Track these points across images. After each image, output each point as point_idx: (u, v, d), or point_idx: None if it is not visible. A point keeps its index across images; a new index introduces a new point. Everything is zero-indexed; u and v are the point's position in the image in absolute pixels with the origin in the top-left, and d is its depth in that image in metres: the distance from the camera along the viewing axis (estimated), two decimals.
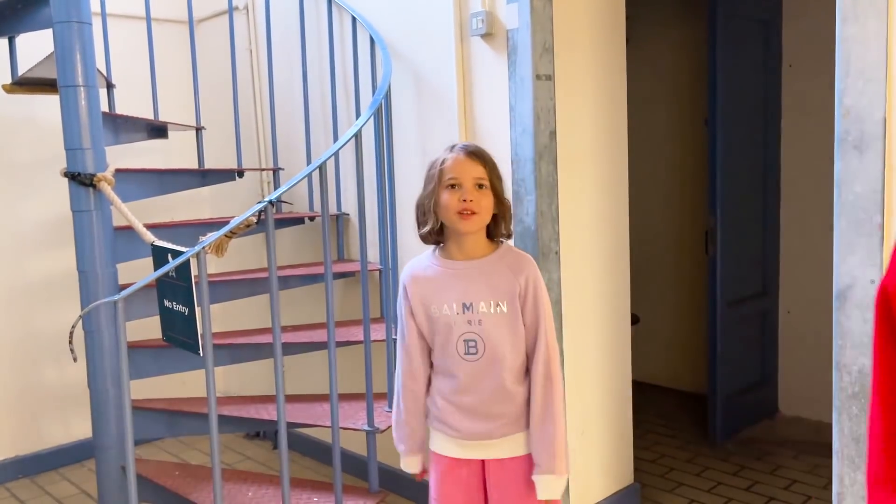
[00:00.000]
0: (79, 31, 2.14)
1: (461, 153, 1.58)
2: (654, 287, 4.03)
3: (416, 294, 1.61)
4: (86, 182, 2.15)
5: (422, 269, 1.64)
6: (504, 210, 1.60)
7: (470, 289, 1.58)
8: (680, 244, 3.98)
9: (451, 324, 1.58)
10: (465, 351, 1.58)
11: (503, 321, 1.57)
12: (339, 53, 2.91)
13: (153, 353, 2.35)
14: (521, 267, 1.59)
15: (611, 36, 2.56)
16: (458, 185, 1.54)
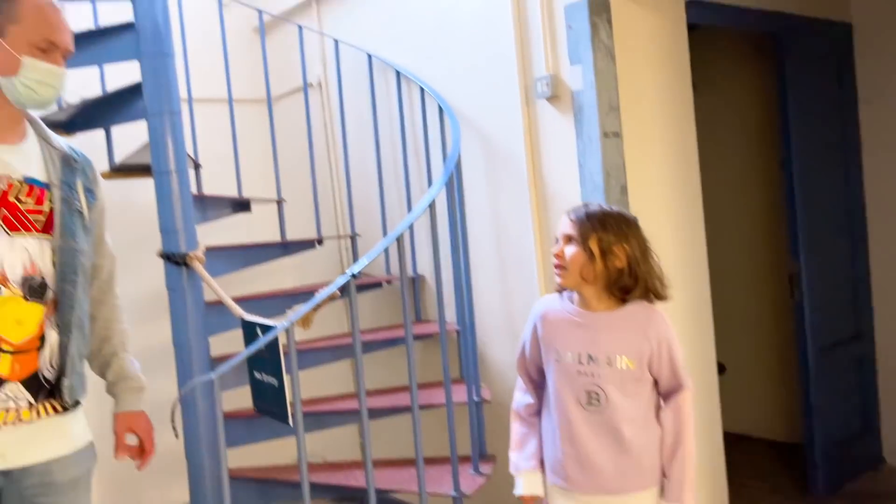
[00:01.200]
0: (170, 121, 2.29)
1: (566, 213, 1.71)
2: (740, 334, 3.91)
3: (544, 333, 1.71)
4: (179, 262, 2.28)
5: (553, 310, 1.73)
6: (626, 271, 1.62)
7: (596, 341, 1.63)
8: (763, 289, 3.86)
9: (574, 372, 1.64)
10: (586, 401, 1.62)
11: (628, 377, 1.62)
12: (409, 122, 3.02)
13: (246, 422, 2.43)
14: (651, 324, 1.64)
15: (677, 86, 2.57)
16: (556, 240, 1.69)
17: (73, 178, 1.56)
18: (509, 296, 2.66)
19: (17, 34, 1.42)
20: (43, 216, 1.48)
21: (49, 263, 1.47)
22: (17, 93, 1.43)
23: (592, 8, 2.28)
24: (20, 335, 1.42)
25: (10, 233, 1.42)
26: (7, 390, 1.41)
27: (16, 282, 1.42)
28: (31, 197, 1.47)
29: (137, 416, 1.72)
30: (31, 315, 1.44)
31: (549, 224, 2.49)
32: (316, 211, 3.20)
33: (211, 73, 3.35)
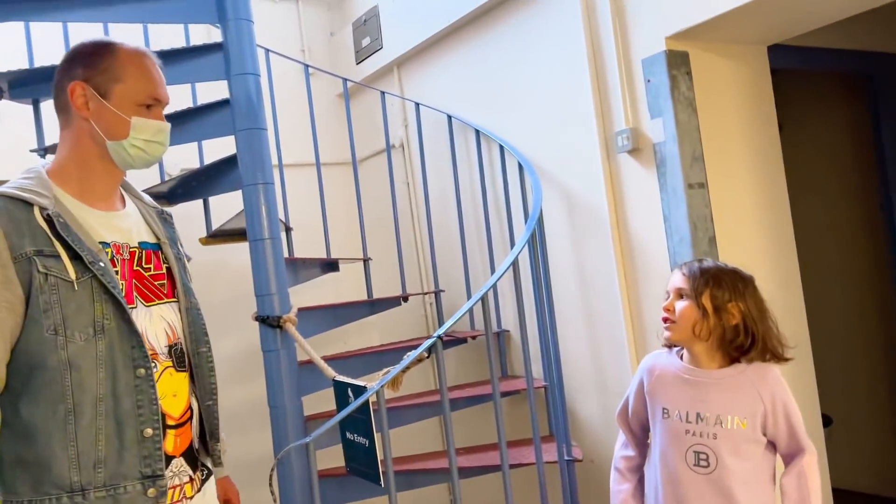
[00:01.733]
0: (264, 191, 2.41)
1: (678, 267, 1.71)
2: (846, 385, 3.70)
3: (651, 387, 1.69)
4: (273, 324, 2.36)
5: (661, 364, 1.71)
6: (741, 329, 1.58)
7: (705, 399, 1.59)
8: (868, 338, 3.66)
9: (681, 431, 1.59)
10: (694, 462, 1.58)
11: (741, 438, 1.57)
12: (489, 179, 3.07)
13: (338, 482, 2.47)
14: (764, 383, 1.59)
15: (763, 132, 2.52)
16: (667, 294, 1.69)
17: (174, 234, 1.51)
18: (597, 350, 2.63)
19: (122, 94, 1.33)
20: (165, 280, 1.42)
21: (180, 329, 1.41)
22: (128, 155, 1.35)
23: (671, 61, 2.28)
24: (179, 408, 1.37)
25: (147, 304, 1.35)
26: (173, 467, 1.35)
27: (163, 353, 1.35)
28: (150, 263, 1.40)
29: (228, 482, 1.66)
30: (182, 386, 1.38)
31: (635, 277, 2.46)
32: (401, 268, 3.27)
33: (298, 139, 3.52)
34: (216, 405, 1.45)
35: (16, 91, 2.60)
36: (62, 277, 1.22)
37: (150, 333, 1.33)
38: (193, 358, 1.41)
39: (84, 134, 1.33)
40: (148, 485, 1.26)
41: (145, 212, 1.46)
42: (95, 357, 1.23)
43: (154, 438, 1.27)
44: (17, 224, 1.22)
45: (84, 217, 1.31)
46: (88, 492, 1.21)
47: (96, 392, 1.23)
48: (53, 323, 1.21)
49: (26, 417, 1.21)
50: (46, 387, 1.21)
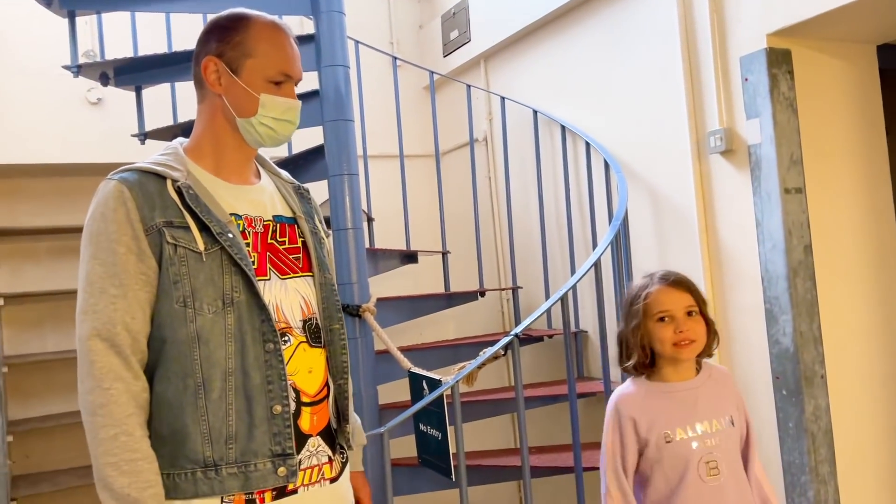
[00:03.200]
0: (349, 182, 2.45)
1: (664, 284, 1.57)
2: None
3: (642, 422, 1.55)
4: (353, 313, 2.40)
5: (640, 397, 1.59)
6: (712, 330, 1.58)
7: (698, 408, 1.55)
8: None
9: (689, 448, 1.52)
10: (706, 473, 1.51)
11: (736, 434, 1.56)
12: (573, 176, 3.02)
13: (410, 472, 2.49)
14: (729, 381, 1.63)
15: (868, 136, 2.38)
16: (669, 318, 1.53)
17: (310, 210, 1.44)
18: None
19: (252, 69, 1.28)
20: (300, 253, 1.36)
21: (315, 303, 1.35)
22: (257, 133, 1.31)
23: (771, 59, 2.18)
24: (315, 385, 1.31)
25: (282, 277, 1.30)
26: (310, 446, 1.29)
27: (297, 328, 1.30)
28: (286, 236, 1.35)
29: (359, 476, 1.53)
30: (318, 362, 1.33)
31: (721, 283, 2.37)
32: (479, 263, 3.26)
33: (384, 130, 3.56)
34: (347, 385, 1.39)
35: (121, 78, 2.73)
36: (191, 248, 1.21)
37: (284, 307, 1.29)
38: (326, 335, 1.35)
39: (217, 110, 1.32)
40: (278, 463, 1.22)
41: (282, 186, 1.42)
42: (224, 330, 1.21)
43: (283, 415, 1.23)
44: (149, 197, 1.22)
45: (217, 190, 1.29)
46: (221, 467, 1.19)
47: (225, 366, 1.21)
48: (182, 295, 1.20)
49: (159, 391, 1.20)
50: (176, 360, 1.20)
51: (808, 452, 2.11)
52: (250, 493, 1.21)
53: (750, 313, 2.28)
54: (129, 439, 1.15)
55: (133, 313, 1.19)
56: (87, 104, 3.29)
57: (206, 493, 1.18)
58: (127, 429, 1.15)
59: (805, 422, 2.11)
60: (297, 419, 1.27)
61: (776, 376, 2.18)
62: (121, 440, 1.15)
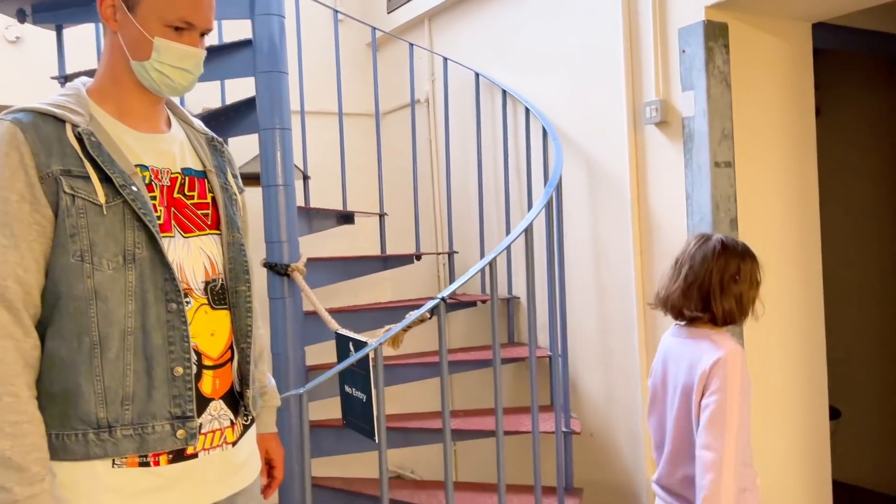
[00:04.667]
0: (280, 137, 2.38)
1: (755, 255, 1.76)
2: (858, 378, 3.64)
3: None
4: (281, 272, 2.35)
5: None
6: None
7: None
8: (885, 331, 3.58)
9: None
10: None
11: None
12: (512, 142, 3.00)
13: (335, 432, 2.48)
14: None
15: (798, 114, 2.42)
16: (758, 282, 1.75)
17: (223, 164, 1.37)
18: (606, 324, 2.59)
19: (149, 9, 1.20)
20: (209, 210, 1.30)
21: (221, 264, 1.30)
22: (152, 79, 1.23)
23: (708, 32, 2.18)
24: (217, 348, 1.27)
25: (185, 235, 1.24)
26: (212, 410, 1.25)
27: (199, 289, 1.25)
28: (194, 190, 1.28)
29: (272, 438, 1.52)
30: (221, 325, 1.28)
31: (650, 254, 2.40)
32: (416, 226, 3.24)
33: (323, 87, 3.47)
34: (250, 349, 1.33)
35: (39, 15, 2.57)
36: (91, 200, 1.14)
37: (186, 267, 1.23)
38: (231, 296, 1.30)
39: (116, 49, 1.23)
40: (177, 426, 1.18)
41: (193, 137, 1.34)
42: (124, 288, 1.15)
43: (185, 378, 1.19)
44: (46, 141, 1.14)
45: (122, 138, 1.22)
46: (115, 429, 1.14)
47: (124, 325, 1.15)
48: (80, 249, 1.13)
49: (52, 348, 1.15)
50: (71, 317, 1.14)
51: None
52: (145, 455, 1.17)
53: None
54: (15, 400, 1.09)
55: (26, 265, 1.12)
56: (5, 42, 3.10)
57: (97, 455, 1.14)
58: (13, 389, 1.09)
59: None
60: (198, 382, 1.23)
61: None
62: (5, 401, 1.09)
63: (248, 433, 1.35)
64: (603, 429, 2.61)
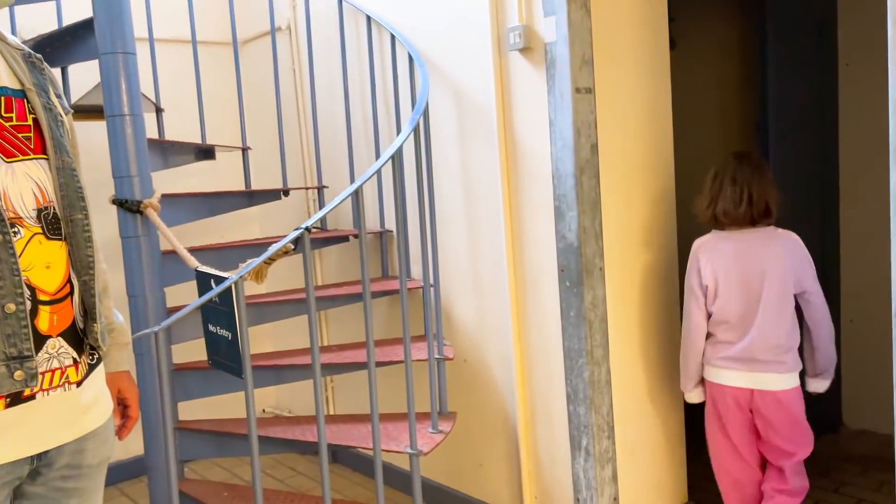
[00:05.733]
0: (123, 62, 2.19)
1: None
2: None
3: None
4: (133, 209, 2.20)
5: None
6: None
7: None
8: None
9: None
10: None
11: None
12: (379, 71, 2.92)
13: (202, 374, 2.39)
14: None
15: (653, 43, 2.49)
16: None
17: (44, 82, 1.26)
18: (477, 253, 2.62)
19: None
20: (30, 133, 1.19)
21: (51, 190, 1.20)
22: None
23: None
24: (54, 282, 1.17)
25: (8, 160, 1.13)
26: (49, 348, 1.16)
27: (30, 218, 1.15)
28: (12, 112, 1.17)
29: (124, 377, 1.46)
30: (57, 256, 1.19)
31: (517, 180, 2.44)
32: (282, 160, 3.12)
33: (175, 13, 3.22)
34: (94, 280, 1.24)
35: None
36: None
37: (12, 194, 1.13)
38: (67, 226, 1.21)
39: None
40: (14, 367, 1.09)
41: (7, 53, 1.23)
42: None
43: (18, 314, 1.09)
44: None
45: None
46: None
47: None
48: None
49: None
50: None
51: (585, 338, 2.27)
52: None
53: (541, 210, 2.36)
54: None
55: None
56: None
57: None
58: None
59: (584, 310, 2.26)
60: (33, 319, 1.13)
61: (561, 269, 2.31)
62: None
63: (95, 372, 1.27)
64: (476, 354, 2.68)
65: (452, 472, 2.88)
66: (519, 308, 2.49)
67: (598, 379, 2.32)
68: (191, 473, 3.50)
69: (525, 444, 2.53)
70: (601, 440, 2.34)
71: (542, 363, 2.45)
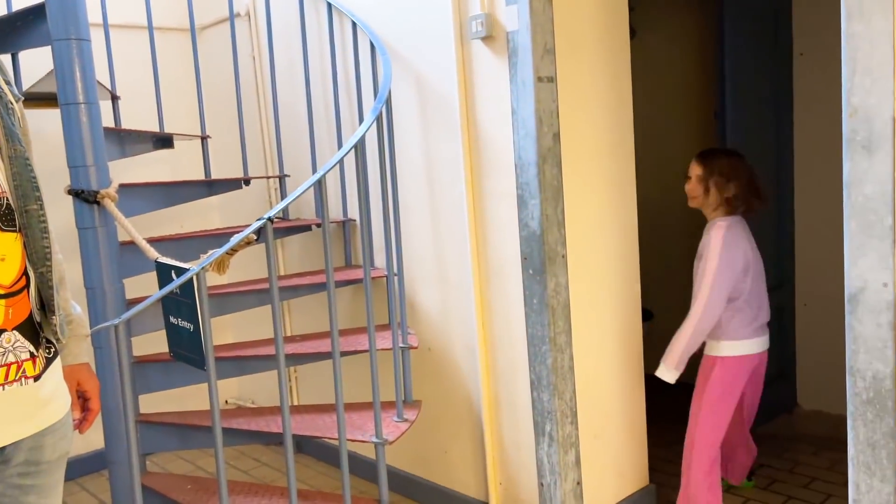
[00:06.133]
0: (77, 49, 2.14)
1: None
2: (669, 283, 3.99)
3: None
4: (89, 199, 2.15)
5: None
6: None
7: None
8: (694, 239, 3.92)
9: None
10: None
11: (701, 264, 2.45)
12: (340, 58, 2.90)
13: (163, 367, 2.36)
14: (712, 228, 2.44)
15: (614, 32, 2.51)
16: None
17: None
18: (440, 241, 2.63)
19: None
20: None
21: (4, 180, 1.17)
22: None
23: None
24: (9, 275, 1.14)
25: None
26: (3, 341, 1.14)
27: None
28: None
29: (83, 370, 1.43)
30: (12, 248, 1.15)
31: (480, 168, 2.44)
32: (243, 149, 3.08)
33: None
34: (51, 272, 1.22)
35: None
36: None
37: None
38: (21, 217, 1.18)
39: None
40: None
41: None
42: None
43: None
44: None
45: None
46: None
47: None
48: None
49: None
50: None
51: (548, 325, 2.30)
52: None
53: (504, 198, 2.38)
54: None
55: None
56: None
57: None
58: None
59: (547, 297, 2.29)
60: None
61: (524, 257, 2.33)
62: None
63: (53, 366, 1.25)
64: (440, 342, 2.69)
65: (418, 460, 2.89)
66: (483, 296, 2.50)
67: (562, 365, 2.35)
68: (153, 466, 3.45)
69: (490, 430, 2.56)
70: (564, 425, 2.38)
71: (505, 350, 2.47)
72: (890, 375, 1.58)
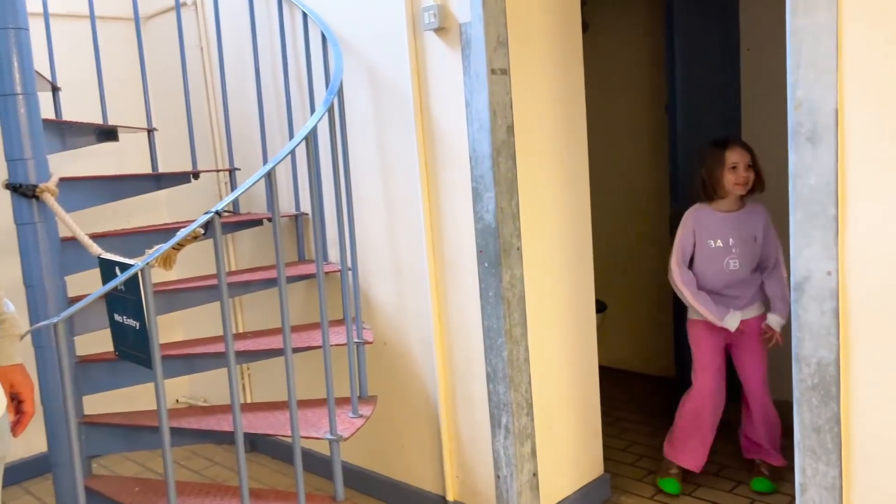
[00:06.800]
0: (15, 38, 2.06)
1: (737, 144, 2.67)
2: (621, 274, 4.04)
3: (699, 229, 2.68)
4: (28, 193, 2.08)
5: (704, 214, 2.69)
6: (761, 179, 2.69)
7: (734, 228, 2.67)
8: (645, 231, 3.98)
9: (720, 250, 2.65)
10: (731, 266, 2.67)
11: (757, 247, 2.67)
12: (291, 49, 2.85)
13: (109, 366, 2.29)
14: (762, 215, 2.69)
15: (566, 25, 2.52)
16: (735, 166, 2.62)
17: None
18: (395, 234, 2.60)
19: None
20: None
21: None
22: None
23: None
24: None
25: None
26: None
27: None
28: None
29: (16, 371, 1.39)
30: None
31: (434, 161, 2.43)
32: (191, 142, 3.00)
33: None
34: None
35: None
36: None
37: None
38: None
39: None
40: None
41: None
42: None
43: None
44: None
45: None
46: None
47: None
48: None
49: None
50: None
51: (503, 317, 2.30)
52: None
53: (459, 191, 2.37)
54: None
55: None
56: None
57: None
58: None
59: (502, 290, 2.28)
60: None
61: (480, 250, 2.32)
62: None
63: None
64: (396, 337, 2.67)
65: (374, 456, 2.87)
66: (438, 289, 2.49)
67: (517, 357, 2.35)
68: (100, 469, 3.36)
69: (446, 424, 2.55)
70: (520, 417, 2.38)
71: (461, 343, 2.46)
72: (834, 362, 1.61)
